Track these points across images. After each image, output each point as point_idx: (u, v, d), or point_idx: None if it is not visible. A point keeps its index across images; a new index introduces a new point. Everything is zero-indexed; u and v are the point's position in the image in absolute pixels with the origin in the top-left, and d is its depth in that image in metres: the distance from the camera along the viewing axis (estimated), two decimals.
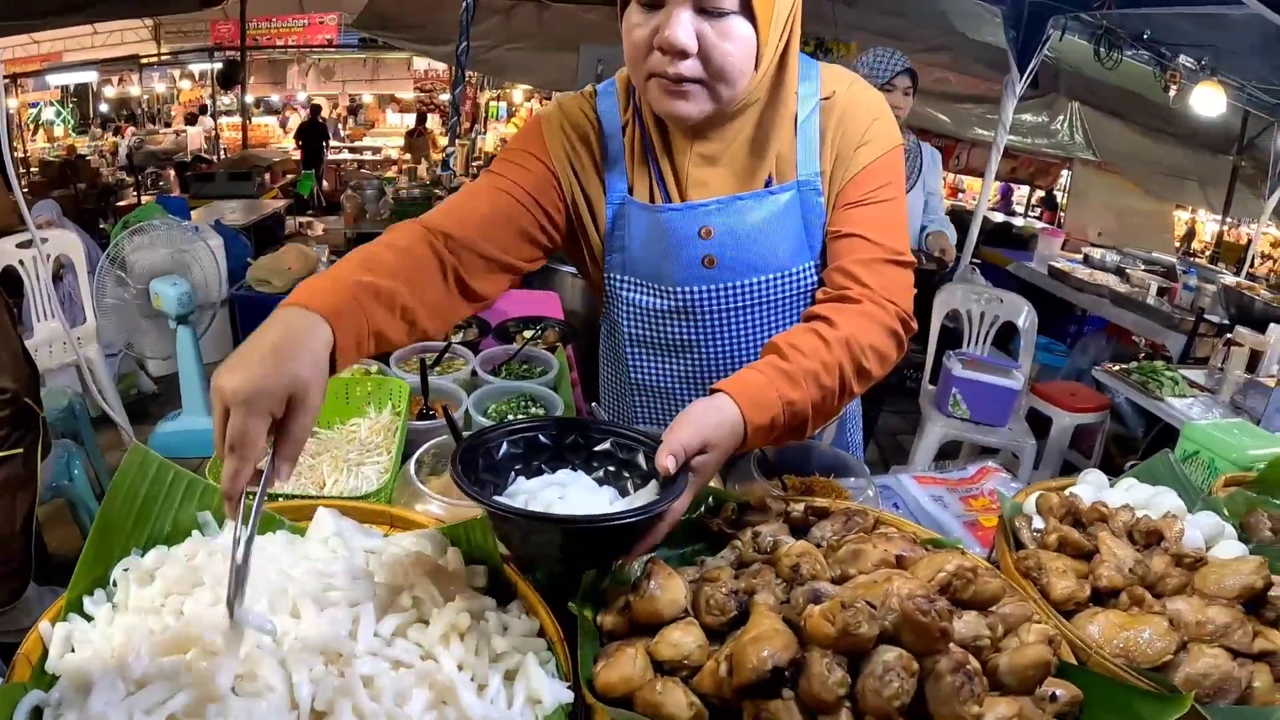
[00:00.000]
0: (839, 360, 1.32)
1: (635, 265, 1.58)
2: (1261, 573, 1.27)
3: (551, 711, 0.98)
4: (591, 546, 1.10)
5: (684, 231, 1.50)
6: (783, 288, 1.56)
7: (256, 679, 0.93)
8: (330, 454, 1.79)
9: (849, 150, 1.49)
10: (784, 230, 1.52)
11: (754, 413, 1.21)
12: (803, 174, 1.50)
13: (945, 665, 0.91)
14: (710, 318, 1.58)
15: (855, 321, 1.37)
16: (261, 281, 5.24)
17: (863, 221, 1.47)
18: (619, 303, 1.64)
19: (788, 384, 1.26)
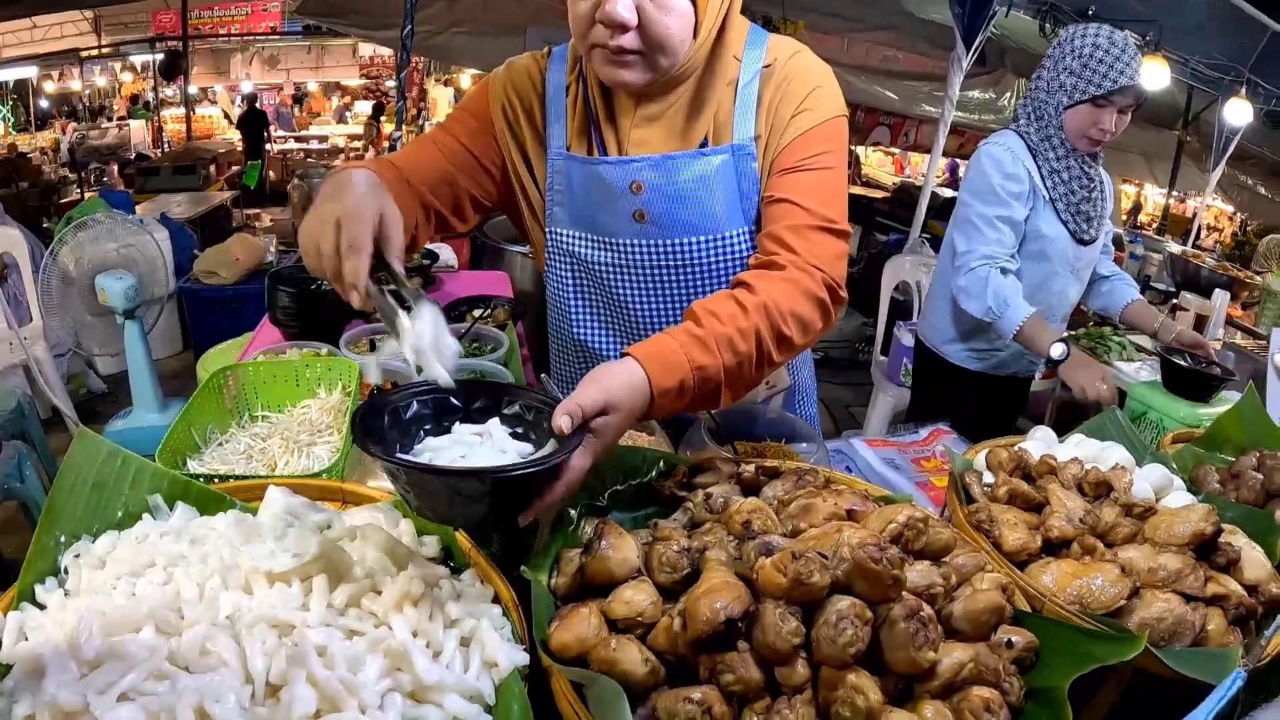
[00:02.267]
0: (755, 325, 1.31)
1: (574, 217, 1.63)
2: (1210, 519, 1.29)
3: (508, 674, 0.97)
4: (481, 501, 1.04)
5: (616, 184, 1.54)
6: (716, 250, 1.58)
7: (210, 654, 0.92)
8: (280, 436, 1.77)
9: (785, 117, 1.50)
10: (716, 193, 1.54)
11: (660, 376, 1.20)
12: (738, 138, 1.52)
13: (899, 612, 0.92)
14: (644, 273, 1.62)
15: (778, 288, 1.36)
16: (209, 273, 5.17)
17: (795, 187, 1.47)
18: (562, 256, 1.67)
19: (699, 349, 1.25)
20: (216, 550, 1.08)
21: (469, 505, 1.04)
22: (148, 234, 4.47)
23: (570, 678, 0.93)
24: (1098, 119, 2.51)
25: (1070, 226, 2.64)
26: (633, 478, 1.33)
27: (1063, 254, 2.69)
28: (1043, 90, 2.63)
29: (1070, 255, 2.70)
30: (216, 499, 1.24)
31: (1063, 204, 2.62)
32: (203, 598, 1.00)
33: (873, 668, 0.93)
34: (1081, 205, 2.65)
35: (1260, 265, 6.34)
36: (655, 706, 0.90)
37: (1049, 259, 2.67)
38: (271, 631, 0.95)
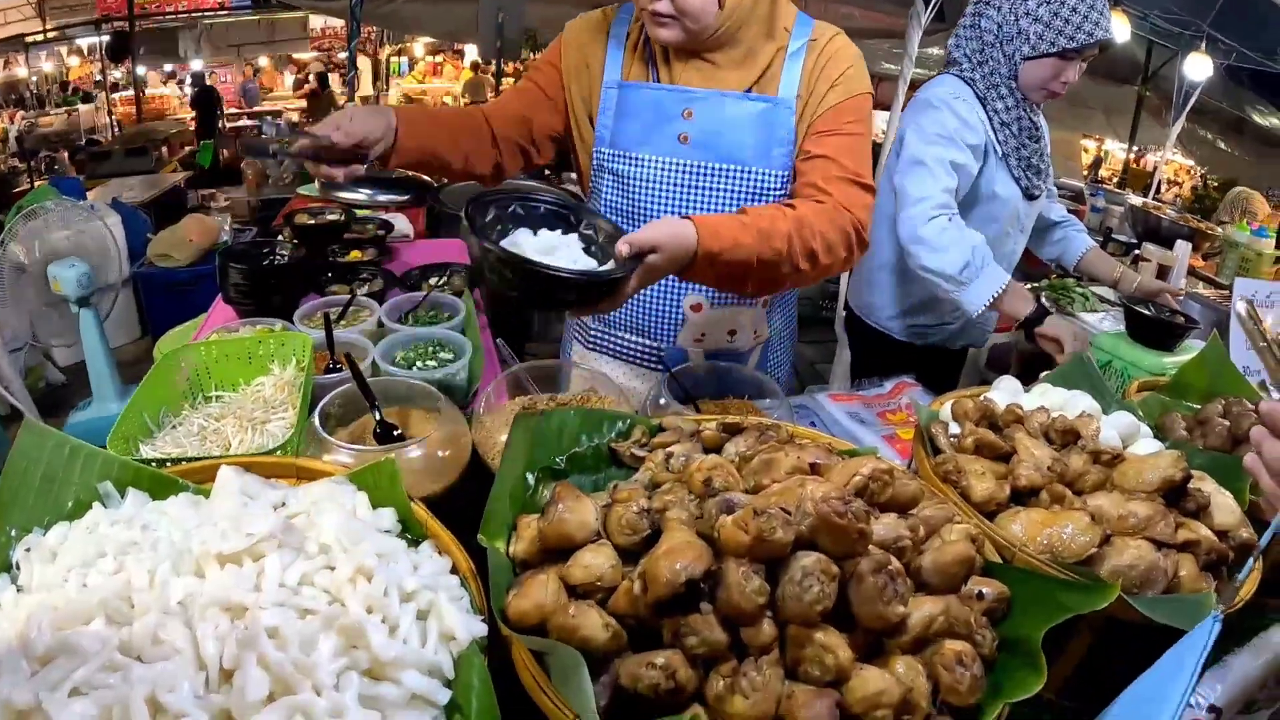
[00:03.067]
0: (789, 231, 1.58)
1: (624, 137, 1.86)
2: (1179, 465, 1.28)
3: (466, 646, 0.94)
4: (554, 292, 1.44)
5: (669, 108, 1.81)
6: (744, 181, 1.82)
7: (162, 643, 0.88)
8: (234, 415, 1.72)
9: (823, 89, 1.77)
10: (753, 133, 1.80)
11: (707, 238, 1.49)
12: (783, 94, 1.79)
13: (866, 567, 0.90)
14: (679, 189, 1.85)
15: (815, 212, 1.64)
16: (163, 256, 5.08)
17: (831, 147, 1.75)
18: (605, 175, 1.91)
19: (740, 229, 1.54)
20: (167, 535, 1.04)
21: (545, 294, 1.46)
22: (98, 219, 4.37)
23: (530, 647, 0.90)
24: (1062, 72, 2.37)
25: (1022, 184, 2.52)
26: (592, 439, 1.30)
27: (1014, 214, 2.56)
28: (991, 34, 2.44)
29: (1021, 214, 2.59)
30: (169, 483, 1.20)
31: (1014, 159, 2.48)
32: (154, 584, 0.97)
33: (841, 624, 0.91)
34: (1032, 159, 2.52)
35: (1225, 216, 6.37)
36: (618, 673, 0.88)
37: (1000, 220, 2.54)
38: (224, 615, 0.92)
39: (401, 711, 0.88)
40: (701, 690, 0.88)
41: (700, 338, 2.02)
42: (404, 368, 1.88)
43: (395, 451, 1.39)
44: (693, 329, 2.00)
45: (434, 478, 1.42)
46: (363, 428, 1.57)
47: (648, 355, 2.07)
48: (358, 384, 1.54)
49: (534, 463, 1.22)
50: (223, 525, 1.05)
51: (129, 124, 13.47)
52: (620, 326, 2.07)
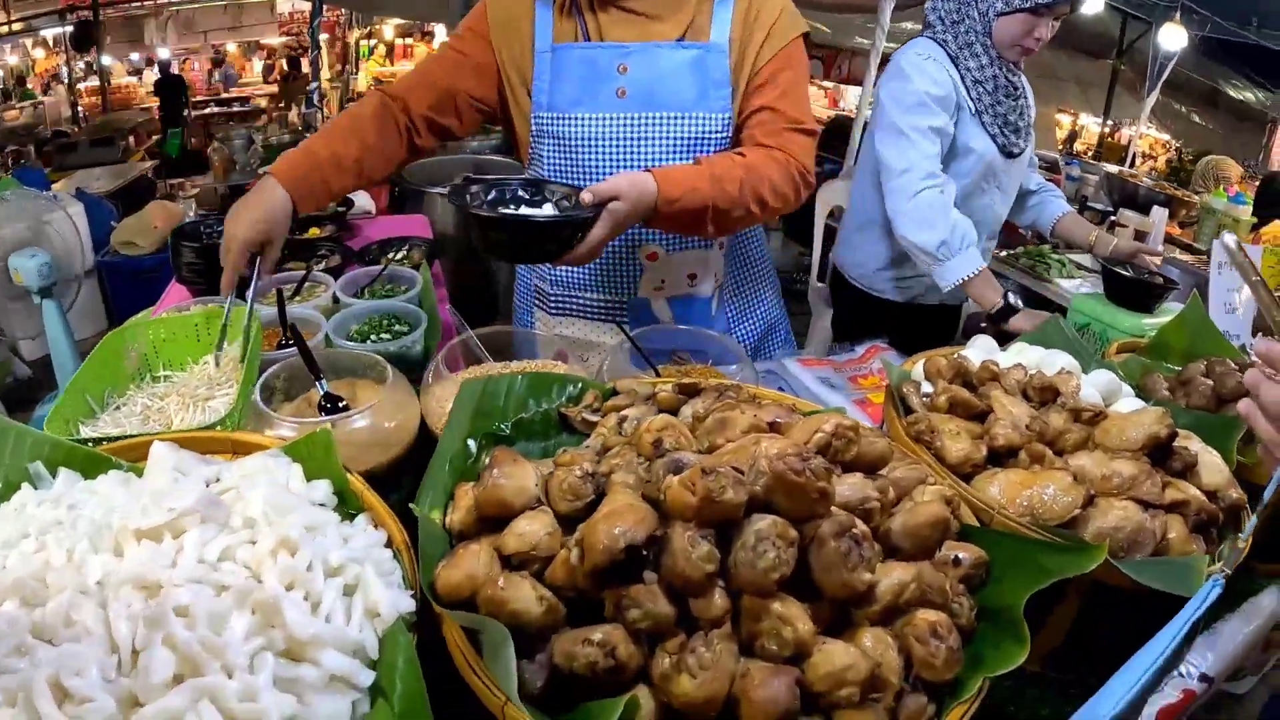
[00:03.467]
0: (741, 177, 1.70)
1: (562, 99, 1.87)
2: (1164, 422, 1.23)
3: (392, 623, 0.87)
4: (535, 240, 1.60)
5: (604, 65, 1.83)
6: (685, 126, 1.85)
7: (74, 624, 0.83)
8: (178, 394, 1.65)
9: (760, 36, 1.82)
10: (689, 80, 1.84)
11: (666, 185, 1.61)
12: (714, 39, 1.83)
13: (828, 530, 0.83)
14: (622, 143, 1.86)
15: (763, 160, 1.76)
16: (127, 244, 4.97)
17: (772, 98, 1.83)
18: (545, 140, 1.91)
19: (696, 176, 1.66)
20: (90, 513, 0.99)
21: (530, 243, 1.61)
22: (60, 209, 4.29)
23: (458, 622, 0.83)
24: (1034, 28, 2.38)
25: (999, 140, 2.52)
26: (541, 405, 1.24)
27: (991, 168, 2.56)
28: None
29: (999, 169, 2.58)
30: (102, 462, 1.15)
31: (989, 115, 2.50)
32: (72, 563, 0.92)
33: (802, 594, 0.84)
34: (1009, 116, 2.52)
35: (1198, 185, 6.37)
36: (554, 651, 0.80)
37: (971, 175, 2.53)
38: (138, 593, 0.86)
39: (319, 695, 0.82)
40: (647, 668, 0.81)
41: (660, 285, 2.04)
42: (359, 341, 1.83)
43: (338, 423, 1.33)
44: (652, 277, 2.02)
45: (380, 450, 1.37)
46: (309, 402, 1.51)
47: (612, 310, 2.08)
48: (302, 355, 1.50)
49: (477, 429, 1.15)
50: (144, 501, 1.00)
51: (95, 114, 13.28)
52: (580, 286, 2.07)
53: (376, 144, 1.86)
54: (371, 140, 1.85)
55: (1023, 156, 2.63)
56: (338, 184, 1.82)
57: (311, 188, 1.76)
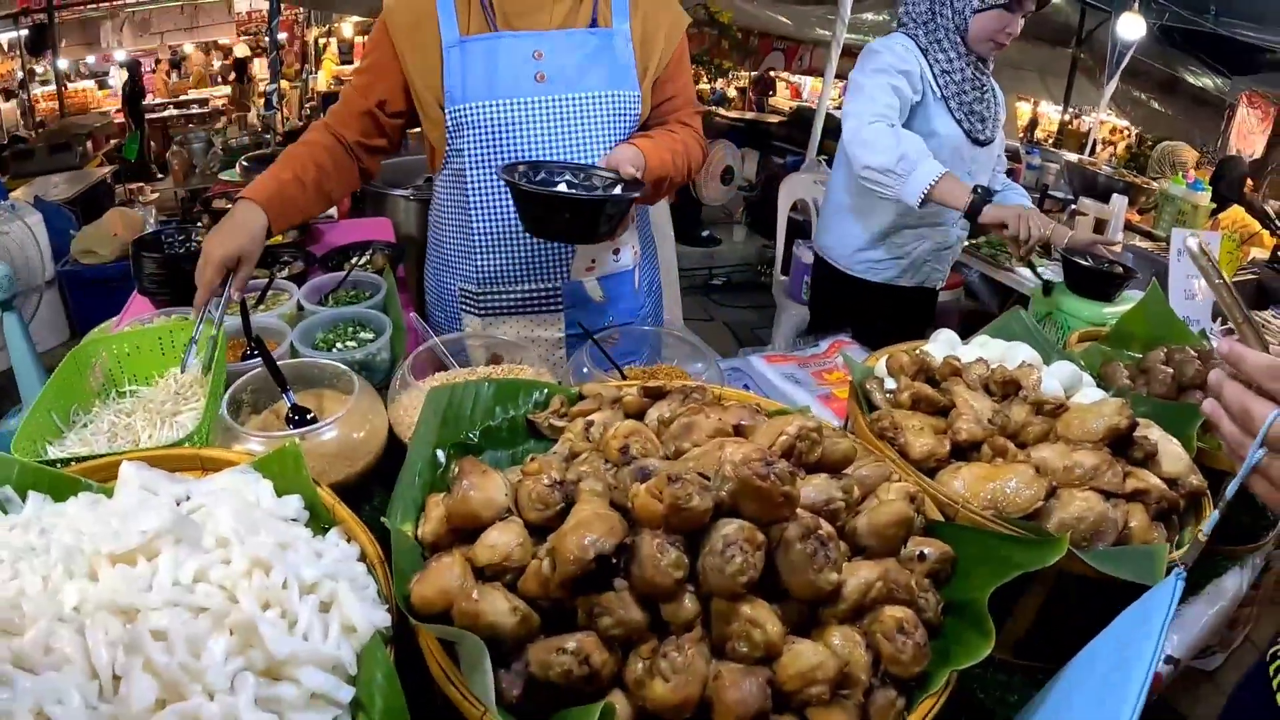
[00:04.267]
0: (682, 150, 1.97)
1: (479, 89, 1.90)
2: (1124, 413, 1.25)
3: (369, 638, 0.88)
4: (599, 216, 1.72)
5: (519, 52, 1.89)
6: (601, 105, 1.94)
7: (53, 652, 0.83)
8: (144, 409, 1.63)
9: (657, 34, 1.97)
10: (601, 62, 1.94)
11: (651, 154, 1.84)
12: (617, 25, 1.95)
13: (794, 533, 0.84)
14: (544, 124, 1.92)
15: (688, 135, 2.03)
16: (87, 253, 4.91)
17: (679, 87, 2.08)
18: (464, 131, 1.93)
19: (659, 148, 1.89)
20: (61, 538, 0.98)
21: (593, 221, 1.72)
22: (18, 219, 4.21)
23: (435, 635, 0.84)
24: (1008, 23, 2.48)
25: (965, 125, 2.61)
26: (508, 412, 1.24)
27: (958, 153, 2.62)
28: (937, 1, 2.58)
29: (966, 155, 2.64)
30: (71, 483, 1.14)
31: (955, 101, 2.58)
32: (47, 590, 0.91)
33: (771, 596, 0.86)
34: (975, 105, 2.61)
35: (1155, 172, 6.44)
36: (529, 660, 0.81)
37: (944, 159, 2.54)
38: (116, 619, 0.86)
39: (301, 712, 0.82)
40: (621, 674, 0.82)
41: (591, 265, 2.09)
42: (324, 350, 1.82)
43: (306, 436, 1.32)
44: (582, 259, 2.07)
45: (349, 461, 1.37)
46: (277, 414, 1.51)
47: (546, 300, 2.11)
48: (268, 368, 1.49)
49: (445, 439, 1.15)
50: (114, 524, 0.99)
51: (52, 119, 13.06)
52: (511, 279, 2.08)
53: (332, 169, 1.94)
54: (327, 164, 1.93)
55: (991, 146, 2.71)
56: (305, 204, 1.89)
57: (284, 206, 1.82)
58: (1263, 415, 0.78)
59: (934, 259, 2.83)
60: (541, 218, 1.75)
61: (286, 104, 6.32)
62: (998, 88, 2.74)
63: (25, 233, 4.13)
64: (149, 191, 6.91)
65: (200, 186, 5.85)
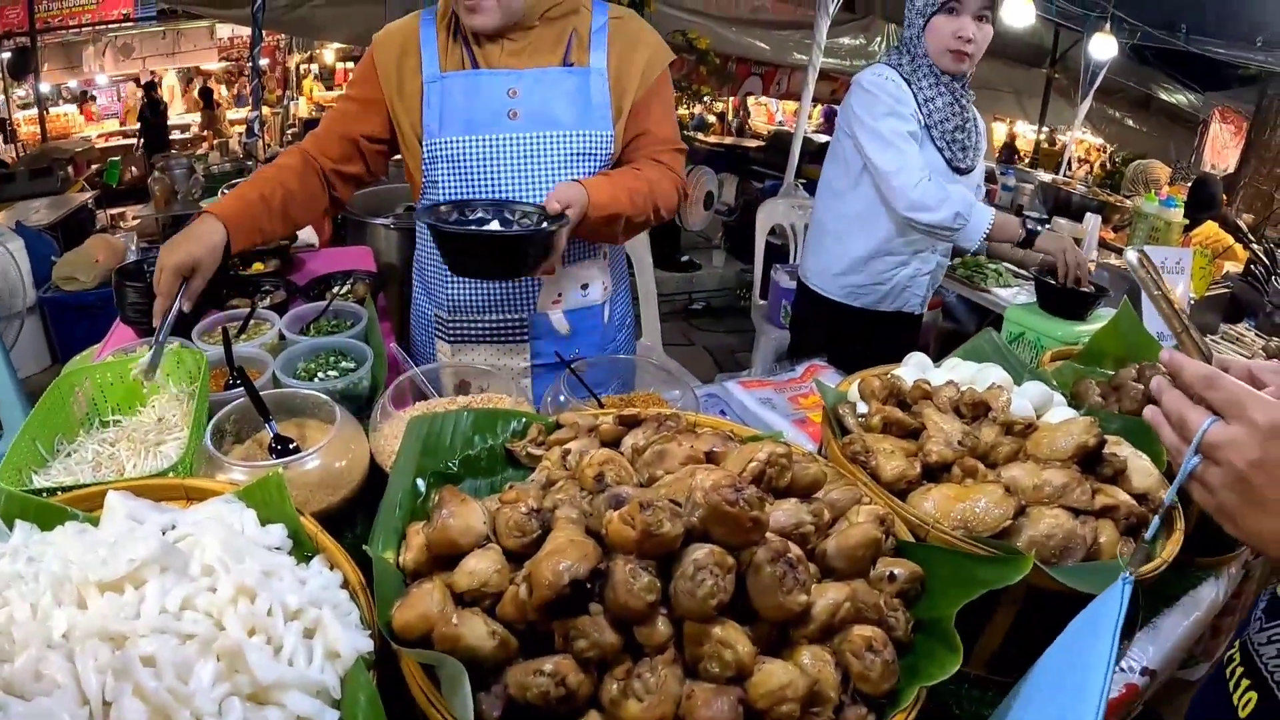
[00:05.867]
0: (645, 190, 1.92)
1: (455, 124, 1.94)
2: (1092, 431, 1.28)
3: (352, 663, 0.90)
4: (519, 254, 1.70)
5: (495, 90, 1.93)
6: (573, 143, 1.96)
7: (43, 678, 0.84)
8: (128, 439, 1.65)
9: (635, 70, 1.98)
10: (574, 101, 1.96)
11: (595, 192, 1.80)
12: (594, 65, 1.97)
13: (763, 556, 0.87)
14: (516, 161, 1.95)
15: (657, 173, 1.98)
16: (68, 279, 4.90)
17: (653, 122, 2.05)
18: (440, 165, 1.97)
19: (613, 186, 1.86)
20: (49, 567, 0.99)
21: (514, 259, 1.70)
22: (1, 245, 4.19)
23: (416, 660, 0.86)
24: (955, 26, 2.52)
25: (946, 154, 2.66)
26: (486, 441, 1.26)
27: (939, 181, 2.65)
28: (906, 27, 2.68)
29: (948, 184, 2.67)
30: (57, 512, 1.15)
31: (937, 130, 2.63)
32: (36, 618, 0.92)
33: (743, 617, 0.88)
34: (956, 134, 2.66)
35: (1128, 190, 6.53)
36: (508, 682, 0.83)
37: None
38: (105, 645, 0.88)
39: None
40: (597, 695, 0.84)
41: (557, 298, 2.11)
42: (305, 379, 1.83)
43: (288, 465, 1.34)
44: (549, 291, 2.10)
45: (331, 490, 1.38)
46: (259, 444, 1.52)
47: (513, 330, 2.14)
48: (250, 398, 1.50)
49: (425, 468, 1.17)
50: (102, 552, 1.01)
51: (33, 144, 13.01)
52: (479, 309, 2.13)
53: (300, 193, 1.96)
54: (295, 188, 1.95)
55: (972, 175, 2.76)
56: (267, 225, 1.90)
57: (244, 223, 1.82)
58: (1197, 423, 0.81)
59: (914, 285, 2.89)
60: (461, 257, 1.76)
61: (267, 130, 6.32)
62: (979, 116, 2.79)
63: (6, 258, 4.12)
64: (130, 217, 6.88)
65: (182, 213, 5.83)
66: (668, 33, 7.85)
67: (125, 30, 14.38)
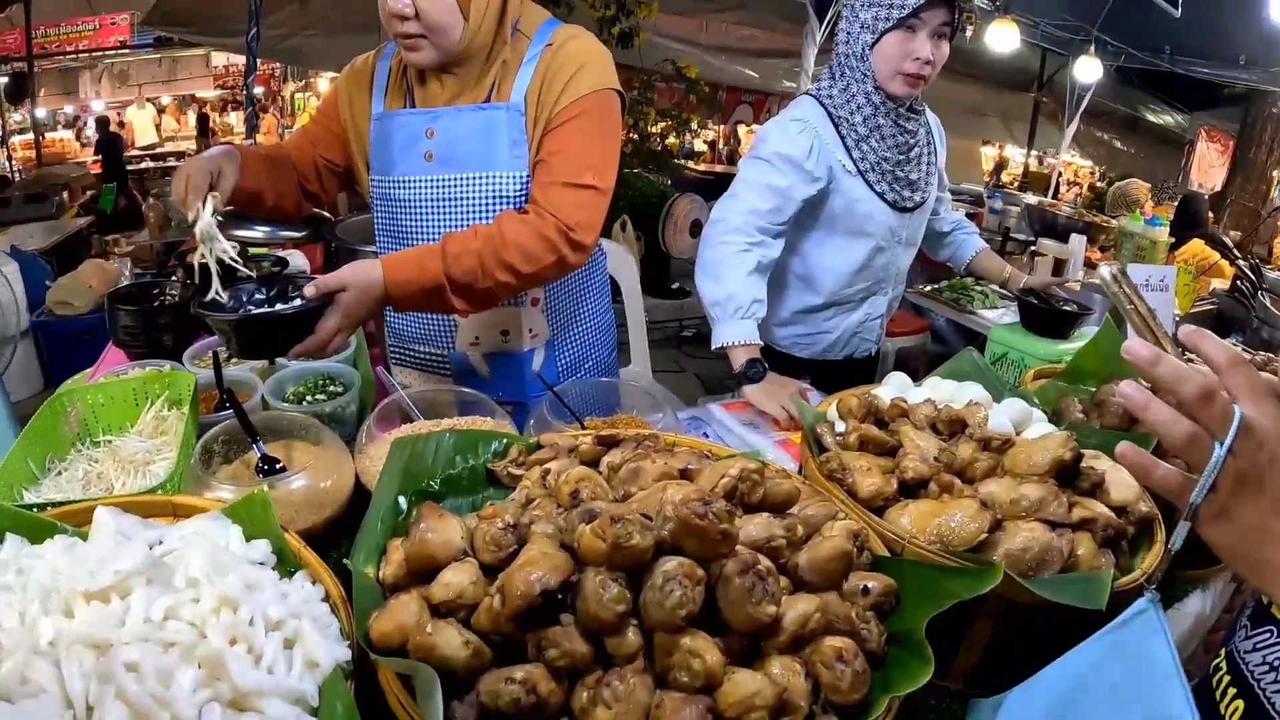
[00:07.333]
0: (479, 249, 1.69)
1: (383, 164, 1.94)
2: (1069, 445, 1.29)
3: (330, 672, 0.91)
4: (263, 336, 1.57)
5: (414, 129, 1.89)
6: (488, 186, 1.88)
7: (29, 682, 0.86)
8: (115, 458, 1.67)
9: (558, 88, 1.81)
10: (487, 141, 1.86)
11: (391, 270, 1.65)
12: (513, 99, 1.84)
13: (732, 568, 0.89)
14: (429, 205, 1.92)
15: (513, 225, 1.73)
16: (62, 304, 4.92)
17: (550, 150, 1.82)
18: (377, 204, 2.01)
19: (427, 255, 1.68)
20: (36, 577, 1.01)
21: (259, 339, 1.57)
22: None
23: (391, 668, 0.88)
24: (911, 47, 2.17)
25: (889, 197, 2.36)
26: (468, 460, 1.28)
27: (883, 226, 2.41)
28: (842, 43, 2.31)
29: (893, 225, 2.43)
30: (47, 527, 1.17)
31: (875, 174, 2.33)
32: (25, 625, 0.94)
33: (713, 629, 0.90)
34: (898, 172, 2.36)
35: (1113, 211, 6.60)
36: (480, 690, 0.85)
37: (869, 235, 2.41)
38: (90, 652, 0.90)
39: None
40: (568, 703, 0.86)
41: (475, 340, 2.09)
42: (294, 403, 1.86)
43: (274, 484, 1.36)
44: (466, 332, 2.08)
45: (315, 510, 1.40)
46: (247, 464, 1.54)
47: (436, 362, 2.17)
48: (239, 419, 1.53)
49: (407, 487, 1.19)
50: (90, 565, 1.02)
51: (29, 169, 13.03)
52: (411, 338, 2.17)
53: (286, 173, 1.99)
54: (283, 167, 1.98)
55: (922, 207, 2.52)
56: (265, 177, 1.89)
57: (250, 163, 1.81)
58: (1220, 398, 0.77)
59: (864, 330, 2.62)
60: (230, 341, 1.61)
61: None
62: (935, 127, 2.55)
63: (1, 282, 4.13)
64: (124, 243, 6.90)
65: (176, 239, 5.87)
66: (657, 62, 7.92)
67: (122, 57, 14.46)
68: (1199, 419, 0.78)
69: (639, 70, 7.77)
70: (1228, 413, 0.76)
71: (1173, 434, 0.79)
